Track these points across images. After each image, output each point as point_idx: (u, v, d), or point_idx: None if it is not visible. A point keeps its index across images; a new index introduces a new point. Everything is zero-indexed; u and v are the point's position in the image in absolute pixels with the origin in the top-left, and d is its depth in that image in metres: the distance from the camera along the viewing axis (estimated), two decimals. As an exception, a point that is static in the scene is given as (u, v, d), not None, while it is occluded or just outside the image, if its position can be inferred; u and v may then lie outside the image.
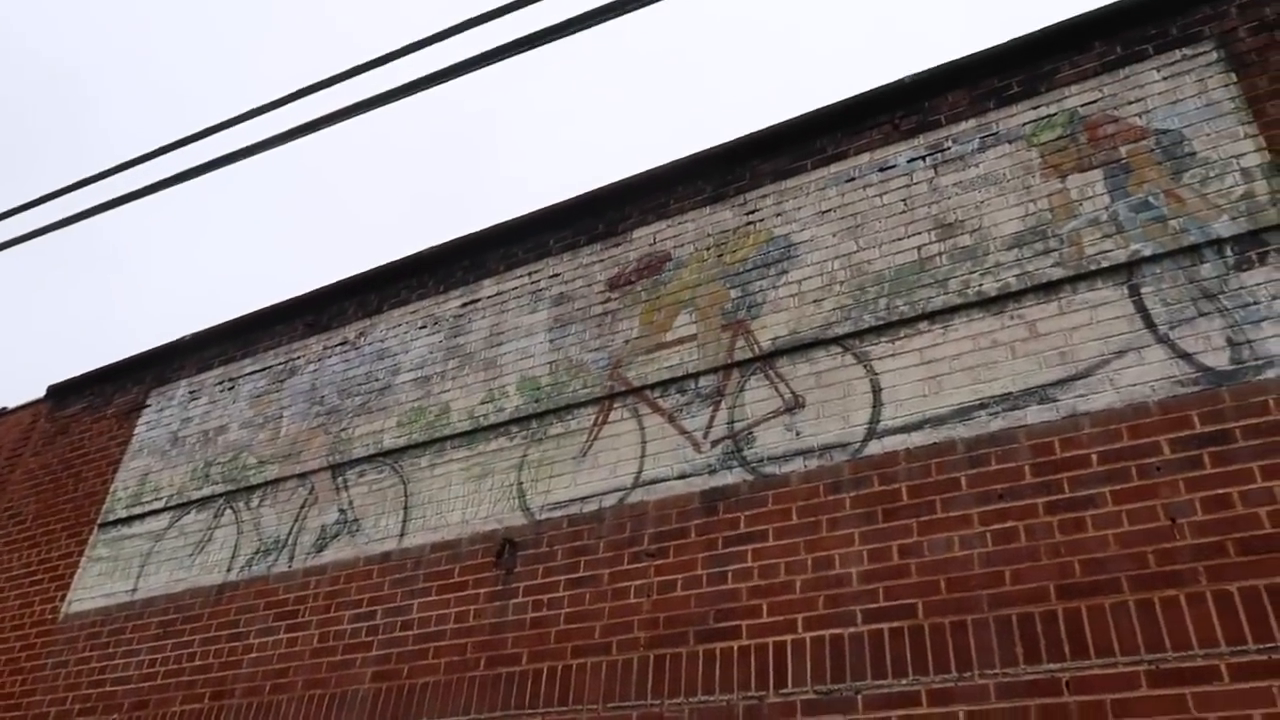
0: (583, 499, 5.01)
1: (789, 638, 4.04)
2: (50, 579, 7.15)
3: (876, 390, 4.45)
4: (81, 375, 8.38)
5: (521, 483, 5.27)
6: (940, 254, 4.64)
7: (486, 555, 5.14)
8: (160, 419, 7.51)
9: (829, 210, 5.17)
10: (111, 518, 7.13)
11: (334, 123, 4.12)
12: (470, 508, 5.37)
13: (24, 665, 6.75)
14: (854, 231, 5.00)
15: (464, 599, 5.06)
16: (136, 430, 7.59)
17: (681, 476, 4.77)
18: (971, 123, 4.98)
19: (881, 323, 4.61)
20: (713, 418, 4.86)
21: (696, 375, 5.05)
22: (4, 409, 8.89)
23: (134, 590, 6.55)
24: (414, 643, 5.07)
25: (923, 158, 5.02)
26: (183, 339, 7.80)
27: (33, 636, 6.86)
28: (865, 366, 4.55)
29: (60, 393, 8.48)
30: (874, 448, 4.31)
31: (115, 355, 9.39)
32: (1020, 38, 5.01)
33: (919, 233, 4.79)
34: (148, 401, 7.74)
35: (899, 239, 4.83)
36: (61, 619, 6.80)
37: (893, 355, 4.51)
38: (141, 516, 6.96)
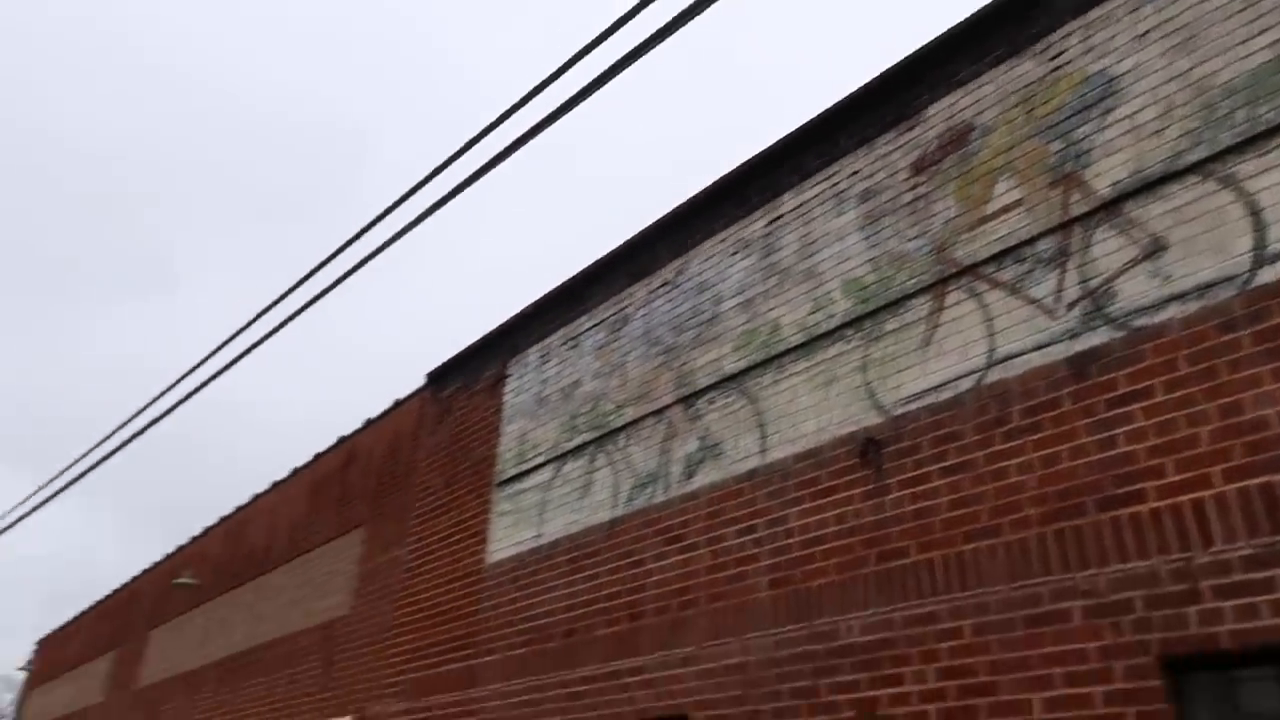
0: (936, 388, 4.99)
1: (1206, 494, 3.83)
2: (468, 537, 8.28)
3: (1255, 212, 4.02)
4: (451, 358, 9.49)
5: (869, 382, 5.34)
6: (1304, 43, 4.05)
7: (850, 457, 5.29)
8: (522, 384, 8.36)
9: (1148, 32, 4.66)
10: (504, 477, 8.09)
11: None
12: (822, 415, 5.53)
13: (466, 610, 7.92)
14: (1184, 47, 4.48)
15: (839, 502, 5.25)
16: (505, 398, 8.51)
17: (1039, 347, 4.61)
18: (1316, -122, 4.24)
19: (1243, 138, 4.12)
20: (1061, 281, 4.63)
21: (1032, 241, 4.81)
22: (397, 400, 10.29)
23: (539, 536, 7.43)
24: (799, 549, 5.36)
25: (1259, -63, 4.36)
26: (525, 310, 8.58)
27: (469, 586, 8.01)
28: (1234, 189, 4.11)
29: (438, 376, 9.66)
30: (1266, 275, 3.91)
31: (469, 337, 10.48)
32: None
33: (1269, 27, 4.19)
34: (508, 371, 8.63)
35: (1244, 40, 4.27)
36: (486, 568, 7.87)
37: (1265, 170, 4.03)
38: (528, 472, 7.83)
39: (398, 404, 10.32)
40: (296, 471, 12.30)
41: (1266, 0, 4.24)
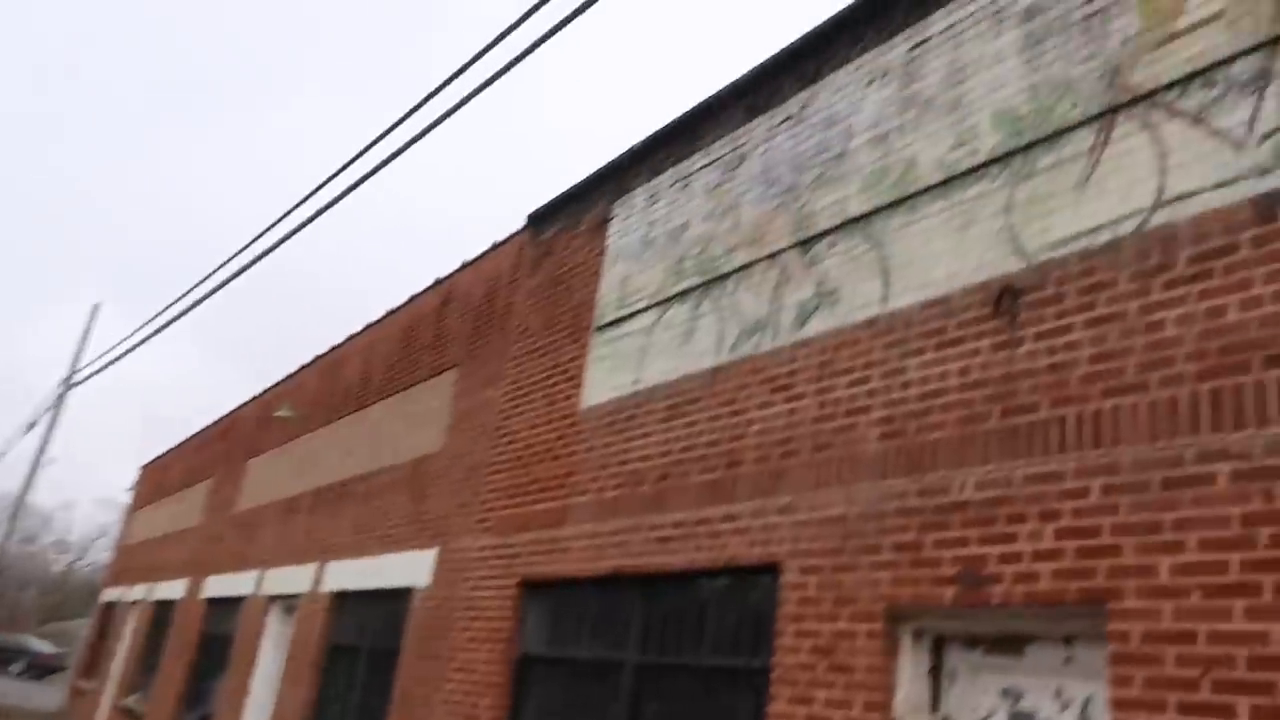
0: (1090, 231, 4.45)
1: (1407, 351, 3.29)
2: (564, 380, 8.15)
3: None
4: (551, 200, 9.20)
5: (1013, 225, 4.82)
6: None
7: (984, 306, 4.83)
8: (627, 227, 8.03)
9: None
10: (604, 321, 7.87)
11: None
12: (955, 260, 5.06)
13: (560, 453, 7.85)
14: None
15: (964, 353, 4.83)
16: (609, 240, 8.21)
17: (1219, 185, 4.02)
18: None
19: None
20: (1257, 108, 3.99)
21: (1229, 61, 4.15)
22: (495, 242, 10.12)
23: (637, 381, 7.22)
24: (916, 401, 4.99)
25: None
26: (632, 148, 8.17)
27: (564, 428, 7.92)
28: None
29: (538, 219, 9.41)
30: None
31: (574, 177, 10.14)
32: None
33: None
34: (613, 213, 8.30)
35: None
36: (582, 411, 7.74)
37: None
38: (629, 317, 7.59)
39: (496, 246, 10.14)
40: (392, 312, 12.38)
41: None
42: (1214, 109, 4.13)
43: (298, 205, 8.71)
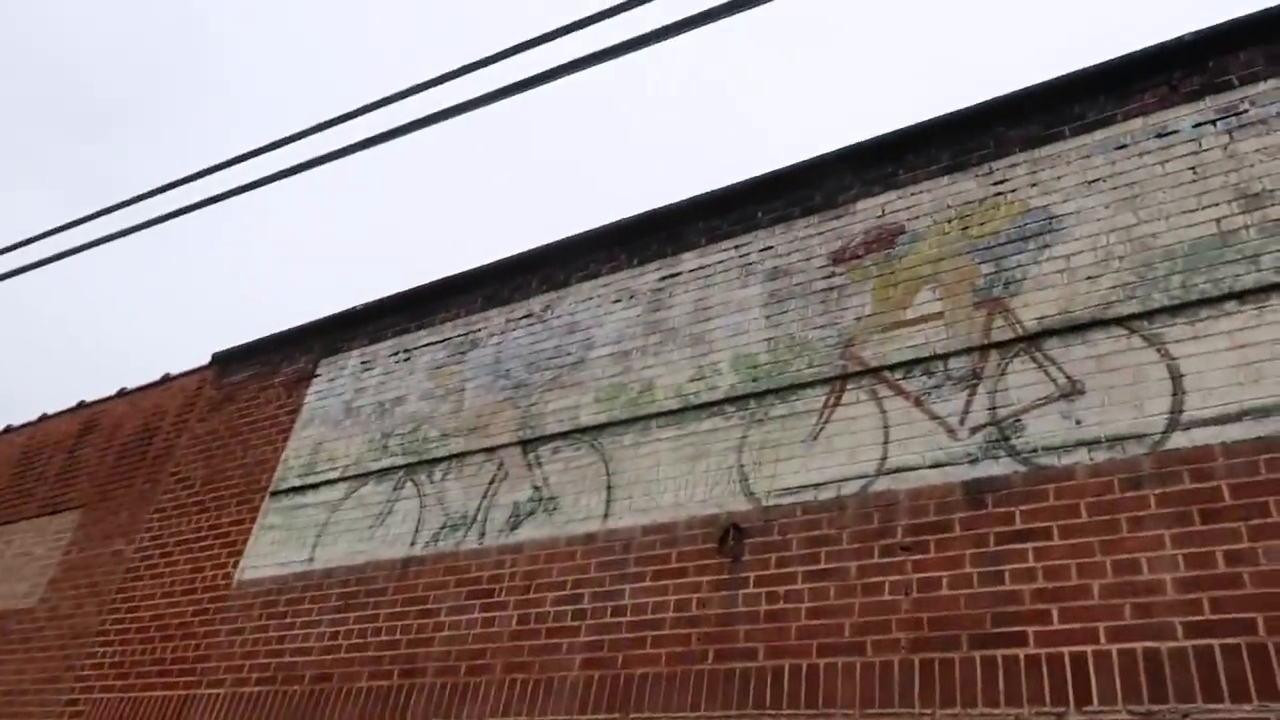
0: (817, 485, 4.64)
1: (1089, 648, 3.61)
2: (221, 545, 7.09)
3: (1176, 377, 3.98)
4: (247, 344, 8.34)
5: (743, 465, 4.93)
6: (1247, 227, 4.14)
7: (707, 541, 4.81)
8: (332, 389, 7.39)
9: (1097, 180, 4.70)
10: (284, 486, 7.03)
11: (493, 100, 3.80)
12: (684, 490, 5.05)
13: (197, 630, 6.69)
14: (1131, 203, 4.52)
15: (685, 586, 4.74)
16: (307, 399, 7.49)
17: (936, 465, 4.37)
18: (1272, 84, 4.45)
19: (1177, 303, 4.13)
20: (969, 402, 4.45)
21: (946, 356, 4.64)
22: (168, 375, 8.92)
23: (310, 560, 6.42)
24: (629, 630, 4.77)
25: (1212, 122, 4.51)
26: (353, 309, 7.68)
27: (205, 601, 6.79)
28: (1159, 350, 4.08)
29: (226, 360, 8.46)
30: (1180, 440, 3.84)
31: (274, 326, 9.31)
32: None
33: (1215, 204, 4.29)
34: (318, 371, 7.63)
35: (1190, 210, 4.34)
36: (235, 585, 6.71)
37: (1194, 339, 4.03)
38: (316, 486, 6.83)
39: (168, 378, 8.95)
40: (11, 429, 10.43)
41: (1215, 179, 4.34)
42: (933, 395, 4.56)
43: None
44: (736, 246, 5.83)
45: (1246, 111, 4.44)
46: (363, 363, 7.36)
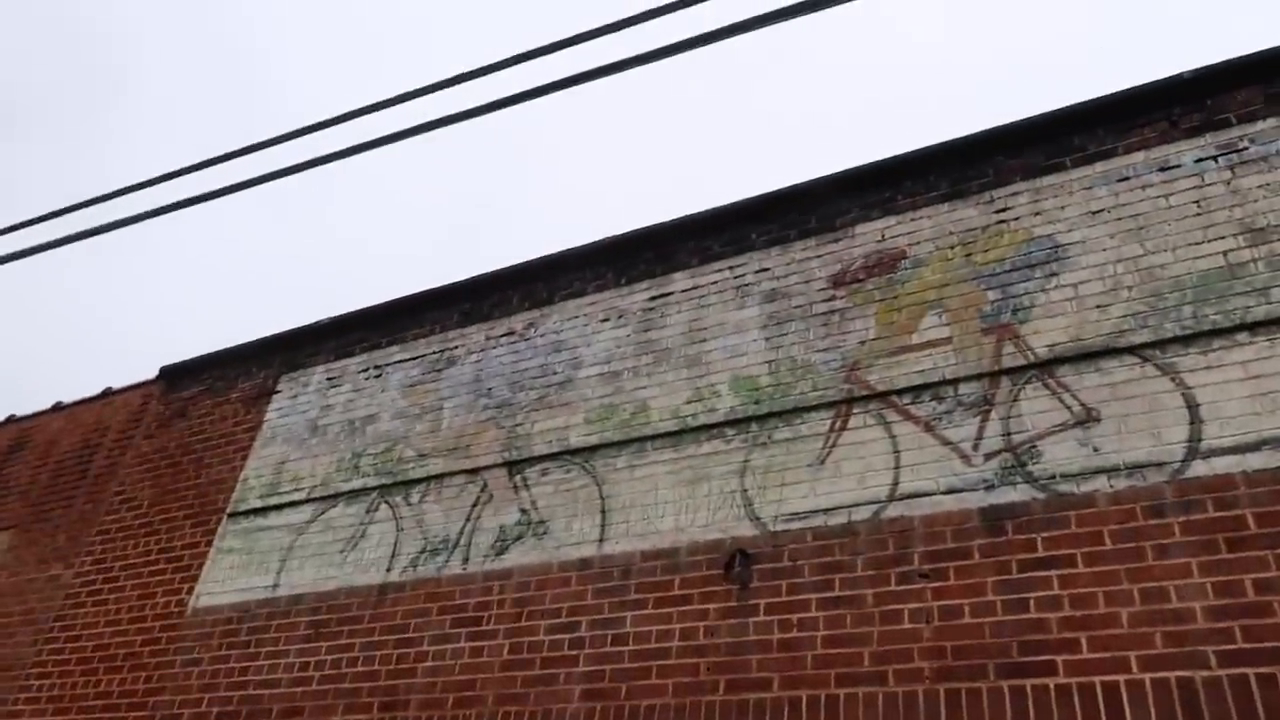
0: (827, 510, 4.57)
1: (1121, 678, 3.59)
2: (174, 569, 6.69)
3: (1192, 406, 4.02)
4: (199, 357, 7.95)
5: (746, 489, 4.83)
6: (1255, 260, 4.23)
7: (712, 567, 4.69)
8: (296, 405, 7.07)
9: (1101, 210, 4.76)
10: (244, 507, 6.68)
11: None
12: (685, 514, 4.93)
13: (147, 661, 6.28)
14: (1137, 234, 4.59)
15: (690, 614, 4.60)
16: (268, 416, 7.15)
17: (950, 491, 4.34)
18: (1271, 122, 4.58)
19: (1189, 332, 4.19)
20: (982, 428, 4.43)
21: (956, 382, 4.63)
22: (110, 389, 8.44)
23: (275, 585, 6.09)
24: (631, 659, 4.61)
25: (1214, 158, 4.62)
26: (317, 323, 7.38)
27: (157, 630, 6.39)
28: (1173, 379, 4.13)
29: (175, 374, 8.04)
30: (1200, 469, 3.87)
31: (225, 340, 8.92)
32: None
33: (1221, 237, 4.37)
34: (278, 387, 7.30)
35: (1196, 243, 4.42)
36: (190, 612, 6.33)
37: (1207, 368, 4.08)
38: (279, 507, 6.51)
39: (110, 392, 8.47)
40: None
41: (1220, 213, 4.44)
42: (944, 420, 4.53)
43: None
44: (730, 267, 5.76)
45: (1247, 149, 4.56)
46: (329, 379, 7.06)
